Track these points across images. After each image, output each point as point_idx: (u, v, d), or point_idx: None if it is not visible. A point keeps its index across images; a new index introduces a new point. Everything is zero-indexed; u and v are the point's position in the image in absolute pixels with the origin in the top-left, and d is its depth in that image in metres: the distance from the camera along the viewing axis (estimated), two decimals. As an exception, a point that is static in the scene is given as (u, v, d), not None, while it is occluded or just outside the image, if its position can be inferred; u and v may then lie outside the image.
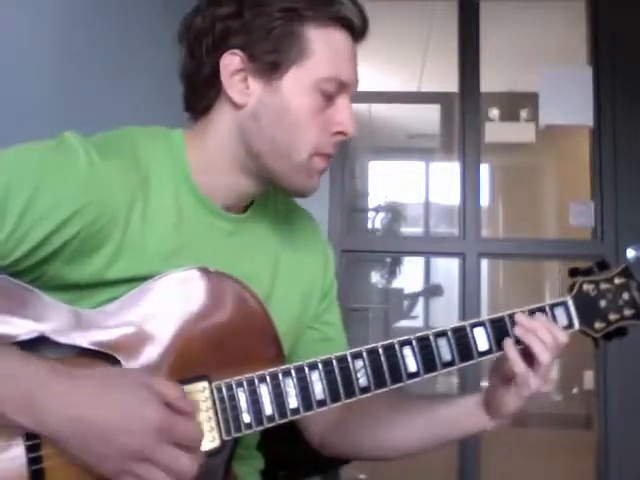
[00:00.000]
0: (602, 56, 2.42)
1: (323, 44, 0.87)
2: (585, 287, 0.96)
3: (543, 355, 0.89)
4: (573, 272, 0.98)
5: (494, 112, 4.12)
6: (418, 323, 5.12)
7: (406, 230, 5.04)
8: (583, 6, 2.54)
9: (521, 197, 4.71)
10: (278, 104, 0.87)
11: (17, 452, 0.74)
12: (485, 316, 0.92)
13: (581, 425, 3.65)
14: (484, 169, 3.13)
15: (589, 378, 3.68)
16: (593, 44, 2.46)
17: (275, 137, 0.88)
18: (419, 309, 5.22)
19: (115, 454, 0.72)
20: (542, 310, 0.94)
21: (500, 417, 0.95)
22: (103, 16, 1.58)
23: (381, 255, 4.06)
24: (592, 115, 2.42)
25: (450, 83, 2.65)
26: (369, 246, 2.82)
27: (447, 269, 4.46)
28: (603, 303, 0.96)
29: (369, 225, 4.71)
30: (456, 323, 0.91)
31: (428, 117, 4.63)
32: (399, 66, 4.05)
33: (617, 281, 0.97)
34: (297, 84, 0.87)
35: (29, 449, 0.74)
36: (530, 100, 2.90)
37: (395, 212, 4.80)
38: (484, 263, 2.56)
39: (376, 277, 4.80)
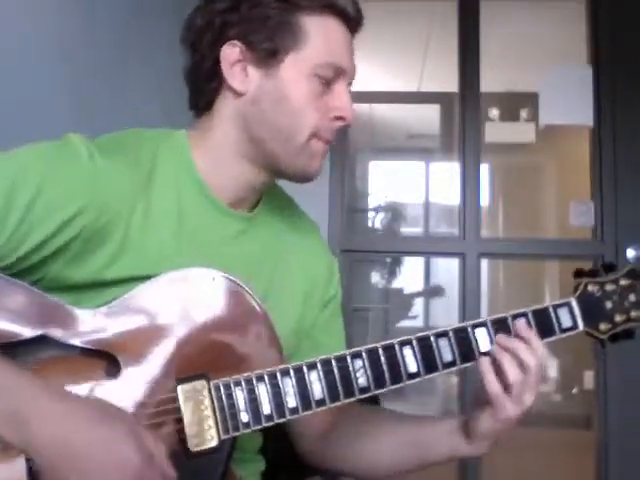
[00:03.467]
0: (602, 56, 2.43)
1: (318, 31, 0.90)
2: (590, 288, 0.94)
3: (513, 374, 0.86)
4: (578, 273, 0.96)
5: (494, 112, 4.11)
6: (418, 323, 5.12)
7: (406, 230, 5.04)
8: (583, 6, 2.54)
9: (521, 197, 4.71)
10: (277, 90, 0.90)
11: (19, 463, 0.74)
12: (486, 316, 0.91)
13: (581, 425, 3.64)
14: (484, 169, 3.13)
15: (589, 378, 3.68)
16: (593, 44, 2.46)
17: (275, 121, 0.91)
18: (419, 309, 5.22)
19: None
20: (546, 311, 0.92)
21: (477, 442, 0.92)
22: (101, 19, 1.58)
23: (381, 255, 4.05)
24: (592, 115, 2.42)
25: (450, 83, 2.65)
26: (369, 246, 2.82)
27: (447, 269, 4.46)
28: (609, 304, 0.94)
29: (369, 225, 4.71)
30: (457, 324, 0.90)
31: (428, 117, 4.62)
32: (399, 66, 4.05)
33: (623, 282, 0.95)
34: (294, 70, 0.90)
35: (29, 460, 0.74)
36: (530, 100, 2.90)
37: (395, 212, 4.80)
38: (484, 263, 2.57)
39: (376, 277, 4.80)
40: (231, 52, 0.90)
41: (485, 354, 0.89)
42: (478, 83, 2.49)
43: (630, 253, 2.33)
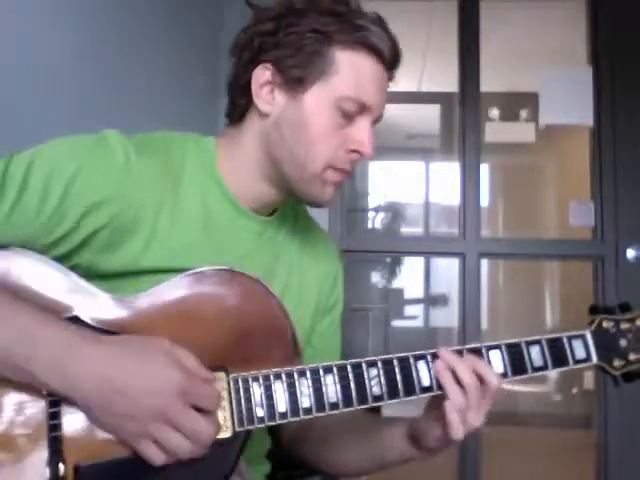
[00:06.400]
0: (602, 56, 2.42)
1: (347, 66, 0.92)
2: (605, 324, 0.96)
3: (456, 397, 0.86)
4: (593, 309, 0.97)
5: (494, 112, 4.11)
6: (418, 323, 5.12)
7: (406, 230, 5.05)
8: (583, 6, 2.54)
9: (521, 197, 4.71)
10: (299, 117, 0.93)
11: (38, 407, 0.78)
12: (502, 340, 0.91)
13: (581, 425, 3.65)
14: (484, 169, 3.13)
15: (589, 378, 3.68)
16: (593, 44, 2.46)
17: (293, 147, 0.94)
18: (419, 310, 5.22)
19: (139, 415, 0.76)
20: (559, 341, 0.92)
21: (424, 450, 0.94)
22: (104, 18, 1.58)
23: (381, 255, 4.06)
24: (592, 115, 2.42)
25: (450, 83, 2.65)
26: (369, 246, 2.81)
27: (447, 269, 4.46)
28: (623, 342, 0.95)
29: (369, 225, 4.71)
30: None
31: (428, 117, 4.63)
32: (399, 66, 4.04)
33: (639, 322, 0.96)
34: (318, 100, 0.93)
35: (50, 404, 0.78)
36: (530, 100, 2.89)
37: (395, 212, 4.81)
38: (484, 263, 2.56)
39: (376, 277, 4.80)
40: (262, 74, 0.94)
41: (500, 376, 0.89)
42: (478, 83, 2.49)
43: (630, 253, 2.33)
